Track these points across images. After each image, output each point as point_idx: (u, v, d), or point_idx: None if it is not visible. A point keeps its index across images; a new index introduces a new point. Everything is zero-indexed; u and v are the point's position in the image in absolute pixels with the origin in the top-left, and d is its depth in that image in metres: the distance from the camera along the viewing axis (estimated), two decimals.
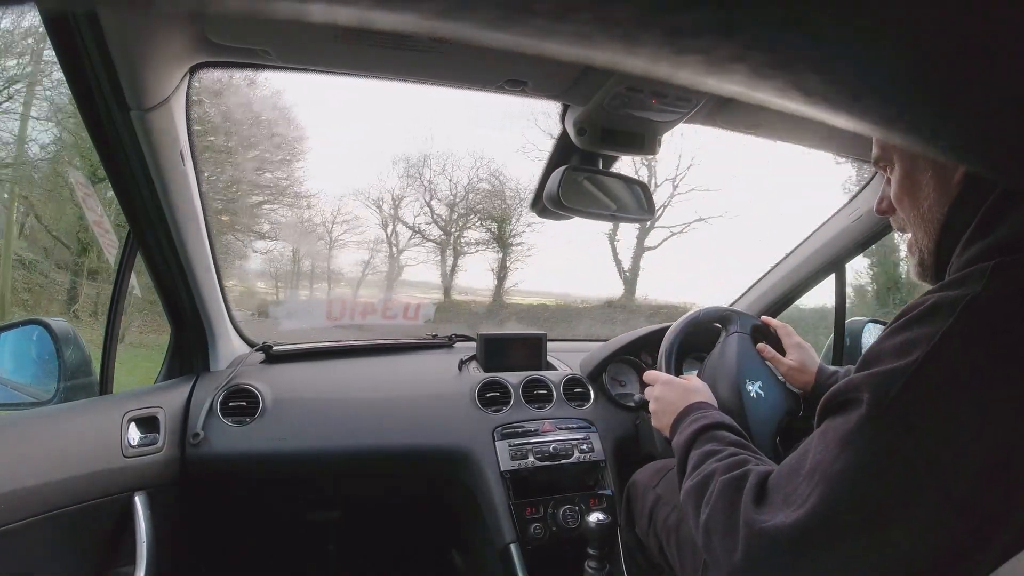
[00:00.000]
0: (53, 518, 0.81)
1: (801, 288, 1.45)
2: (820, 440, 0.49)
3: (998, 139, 0.19)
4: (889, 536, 0.44)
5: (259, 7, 0.13)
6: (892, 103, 0.17)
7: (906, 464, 0.42)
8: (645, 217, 1.03)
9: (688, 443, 0.71)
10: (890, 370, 0.44)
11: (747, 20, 0.13)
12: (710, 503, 0.57)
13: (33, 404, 0.99)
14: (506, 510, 1.11)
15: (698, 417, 0.76)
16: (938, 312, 0.45)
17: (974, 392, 0.42)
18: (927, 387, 0.43)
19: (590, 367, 1.38)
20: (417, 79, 0.86)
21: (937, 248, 0.54)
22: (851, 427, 0.45)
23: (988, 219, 0.48)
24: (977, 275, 0.44)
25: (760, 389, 1.02)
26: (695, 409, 0.79)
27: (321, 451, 1.11)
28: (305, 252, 7.49)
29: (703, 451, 0.67)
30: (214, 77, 5.87)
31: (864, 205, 1.23)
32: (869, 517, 0.44)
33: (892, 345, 0.46)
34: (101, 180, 3.39)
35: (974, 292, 0.43)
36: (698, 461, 0.66)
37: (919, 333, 0.44)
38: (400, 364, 1.37)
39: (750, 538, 0.50)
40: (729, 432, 0.71)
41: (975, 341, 0.43)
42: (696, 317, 1.12)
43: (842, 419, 0.47)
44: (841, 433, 0.46)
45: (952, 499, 0.41)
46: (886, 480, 0.43)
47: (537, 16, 0.13)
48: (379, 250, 7.89)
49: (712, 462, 0.63)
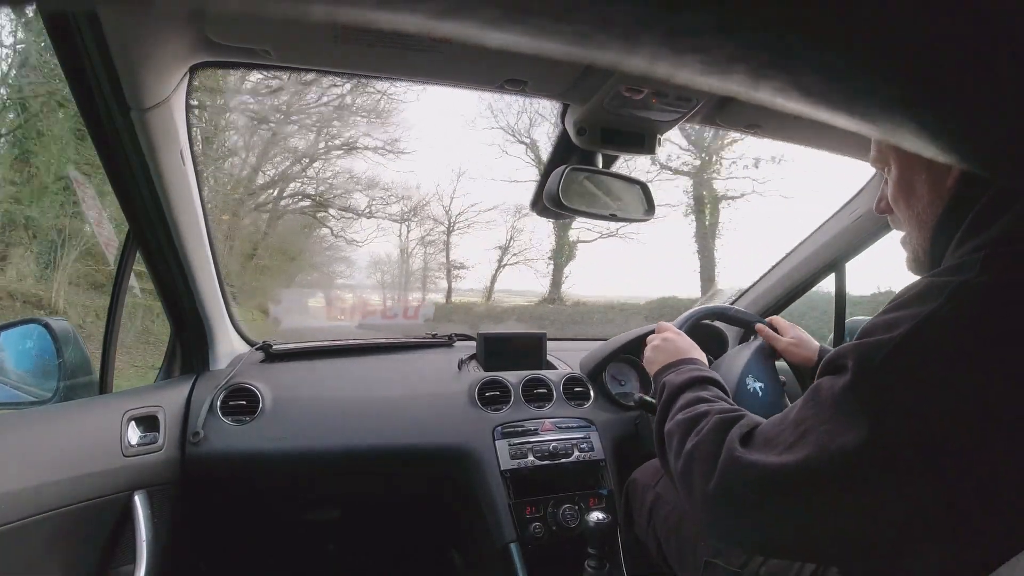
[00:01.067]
0: (53, 518, 0.81)
1: (801, 288, 1.45)
2: (810, 395, 0.51)
3: (997, 138, 0.19)
4: (860, 499, 0.46)
5: (259, 7, 0.13)
6: (891, 103, 0.17)
7: (882, 430, 0.44)
8: (646, 217, 1.03)
9: (682, 385, 0.73)
10: (875, 341, 0.47)
11: (747, 20, 0.13)
12: (700, 434, 0.60)
13: (33, 403, 0.99)
14: (506, 509, 1.11)
15: (698, 368, 0.79)
16: (929, 293, 0.47)
17: (956, 370, 0.43)
18: (907, 361, 0.45)
19: (590, 366, 1.38)
20: (417, 79, 0.86)
21: (931, 246, 0.56)
22: (836, 389, 0.48)
23: (980, 219, 0.49)
24: (970, 263, 0.46)
25: (760, 389, 1.03)
26: (695, 362, 0.82)
27: (321, 450, 1.11)
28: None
29: (696, 395, 0.70)
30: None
31: (864, 204, 1.23)
32: (843, 477, 0.46)
33: (883, 321, 0.48)
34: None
35: (965, 278, 0.45)
36: (690, 401, 0.68)
37: (908, 312, 0.47)
38: (400, 363, 1.37)
39: (727, 466, 0.53)
40: (722, 391, 0.73)
41: (962, 323, 0.44)
42: (696, 316, 1.13)
43: (830, 380, 0.49)
44: (828, 393, 0.49)
45: (926, 468, 0.43)
46: (863, 443, 0.44)
47: (537, 16, 0.13)
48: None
49: (705, 405, 0.66)
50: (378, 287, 8.36)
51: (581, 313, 8.18)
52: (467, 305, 8.37)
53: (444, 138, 11.74)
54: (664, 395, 0.74)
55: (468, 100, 7.59)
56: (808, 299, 1.53)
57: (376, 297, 8.33)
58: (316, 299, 7.66)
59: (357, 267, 8.18)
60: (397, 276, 8.52)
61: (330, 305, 7.62)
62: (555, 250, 8.53)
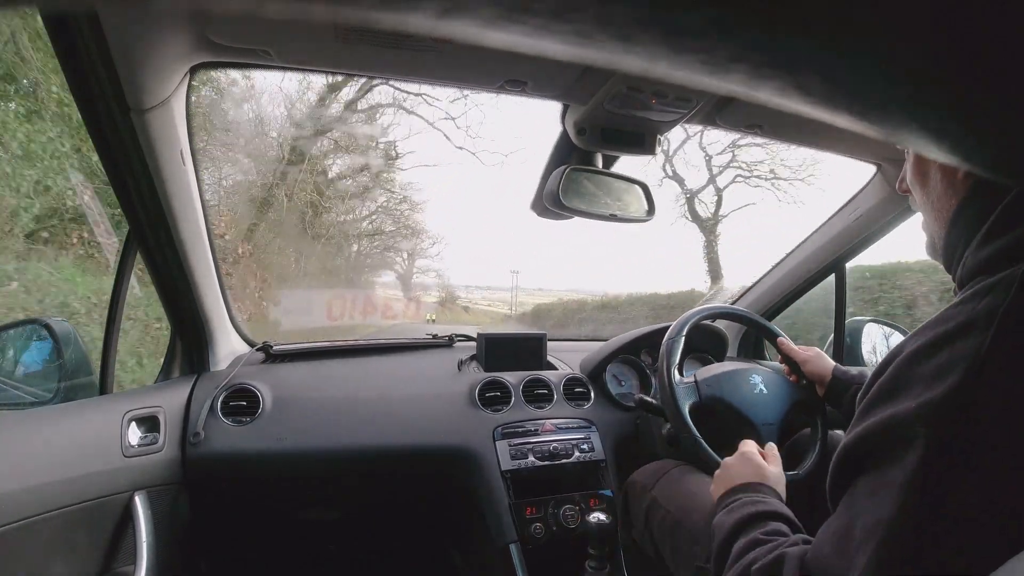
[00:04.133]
0: (53, 518, 0.81)
1: (801, 288, 1.45)
2: (868, 499, 0.43)
3: (1004, 141, 0.19)
4: (954, 568, 0.39)
5: (259, 7, 0.13)
6: (894, 103, 0.17)
7: (976, 492, 0.39)
8: (647, 218, 1.03)
9: (736, 528, 0.62)
10: (940, 397, 0.40)
11: (747, 20, 0.13)
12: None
13: (33, 404, 0.98)
14: (506, 510, 1.11)
15: (755, 500, 0.67)
16: (973, 328, 0.41)
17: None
18: (982, 407, 0.39)
19: (590, 367, 1.38)
20: (417, 79, 0.86)
21: (948, 237, 0.52)
22: (912, 472, 0.40)
23: (1006, 217, 0.46)
24: (1005, 284, 0.42)
25: (764, 386, 1.04)
26: (754, 490, 0.70)
27: (321, 451, 1.11)
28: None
29: (750, 539, 0.59)
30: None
31: (864, 204, 1.23)
32: (935, 562, 0.40)
33: (927, 371, 0.42)
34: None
35: (1006, 302, 0.41)
36: (743, 550, 0.58)
37: (956, 352, 0.41)
38: (400, 364, 1.37)
39: None
40: (785, 524, 0.61)
41: (1019, 353, 0.40)
42: (697, 316, 1.13)
43: (894, 467, 0.42)
44: (900, 483, 0.40)
45: (1015, 512, 0.39)
46: (956, 518, 0.39)
47: (537, 16, 0.13)
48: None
49: (753, 553, 0.57)
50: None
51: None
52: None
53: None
54: (717, 542, 0.64)
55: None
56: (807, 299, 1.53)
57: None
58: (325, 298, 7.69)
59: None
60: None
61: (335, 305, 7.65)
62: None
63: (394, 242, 8.80)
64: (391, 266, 9.19)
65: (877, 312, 3.04)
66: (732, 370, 1.07)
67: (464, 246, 11.89)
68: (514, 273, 11.16)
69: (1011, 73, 0.15)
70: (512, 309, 10.30)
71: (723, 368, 1.08)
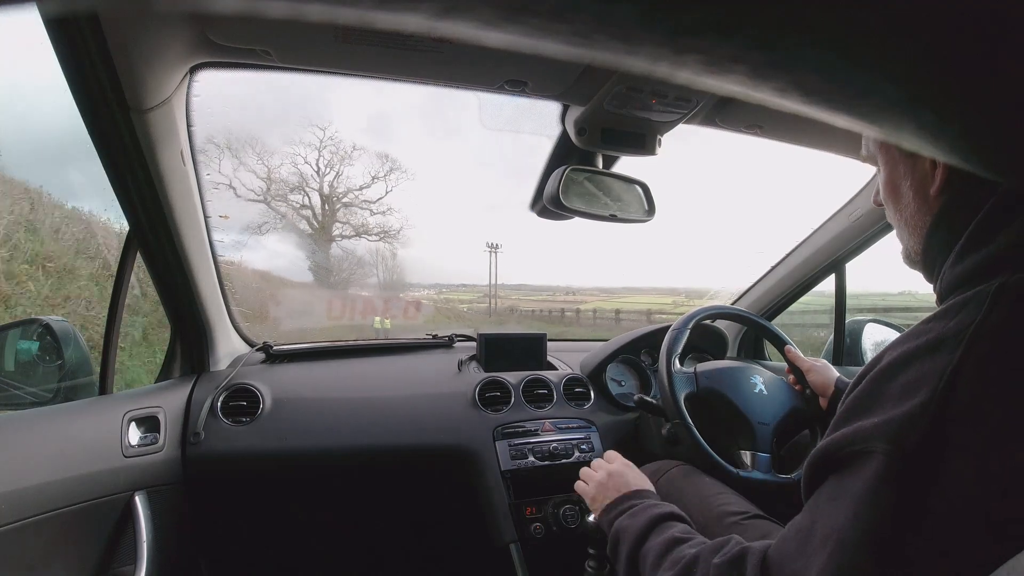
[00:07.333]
0: (53, 518, 0.81)
1: (801, 288, 1.45)
2: (829, 504, 0.44)
3: (1000, 139, 0.19)
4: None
5: (259, 7, 0.13)
6: (892, 103, 0.17)
7: (939, 508, 0.39)
8: (646, 218, 1.03)
9: (644, 529, 0.65)
10: (904, 415, 0.40)
11: (746, 20, 0.13)
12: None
13: (33, 404, 0.98)
14: (506, 510, 1.11)
15: (652, 505, 0.70)
16: (943, 346, 0.41)
17: (994, 422, 0.39)
18: (949, 427, 0.39)
19: (590, 367, 1.38)
20: (417, 79, 0.86)
21: (924, 251, 0.52)
22: (868, 484, 0.41)
23: (979, 233, 0.46)
24: (977, 301, 0.42)
25: (764, 387, 1.04)
26: (643, 496, 0.73)
27: (321, 451, 1.11)
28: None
29: (668, 537, 0.61)
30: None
31: (863, 205, 1.23)
32: (896, 572, 0.40)
33: (896, 387, 0.42)
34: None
35: (977, 320, 0.41)
36: (665, 548, 0.60)
37: (925, 370, 0.41)
38: (400, 364, 1.37)
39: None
40: (687, 524, 0.65)
41: (987, 373, 0.39)
42: (703, 313, 1.13)
43: (853, 477, 0.42)
44: (856, 493, 0.41)
45: (987, 523, 0.38)
46: (917, 531, 0.39)
47: (537, 15, 0.13)
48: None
49: (686, 547, 0.58)
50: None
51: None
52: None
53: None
54: (625, 548, 0.65)
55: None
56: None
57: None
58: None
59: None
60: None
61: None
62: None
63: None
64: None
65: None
66: (733, 367, 1.07)
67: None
68: (492, 248, 10.32)
69: (1010, 73, 0.15)
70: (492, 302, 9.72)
71: (724, 364, 1.08)
